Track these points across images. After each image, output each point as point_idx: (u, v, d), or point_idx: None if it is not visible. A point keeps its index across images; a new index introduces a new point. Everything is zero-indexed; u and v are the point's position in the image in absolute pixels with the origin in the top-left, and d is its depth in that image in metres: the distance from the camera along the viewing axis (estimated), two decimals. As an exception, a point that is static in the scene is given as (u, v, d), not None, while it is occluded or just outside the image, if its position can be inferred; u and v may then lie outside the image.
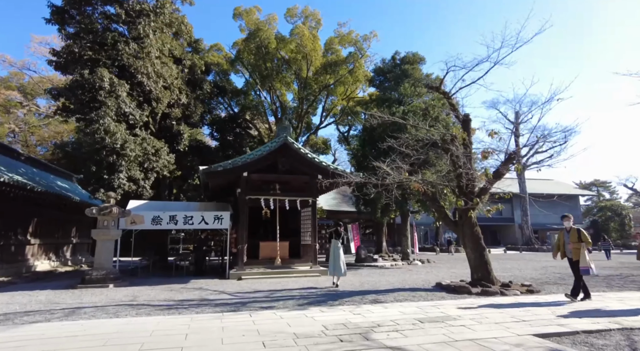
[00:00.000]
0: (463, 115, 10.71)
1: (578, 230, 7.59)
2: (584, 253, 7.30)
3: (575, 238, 7.50)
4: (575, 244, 7.45)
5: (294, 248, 15.64)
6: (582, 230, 7.60)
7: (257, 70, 23.43)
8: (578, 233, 7.52)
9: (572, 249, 7.50)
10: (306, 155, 13.43)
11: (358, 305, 7.07)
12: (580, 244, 7.39)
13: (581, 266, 7.26)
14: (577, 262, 7.39)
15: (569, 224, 7.76)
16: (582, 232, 7.55)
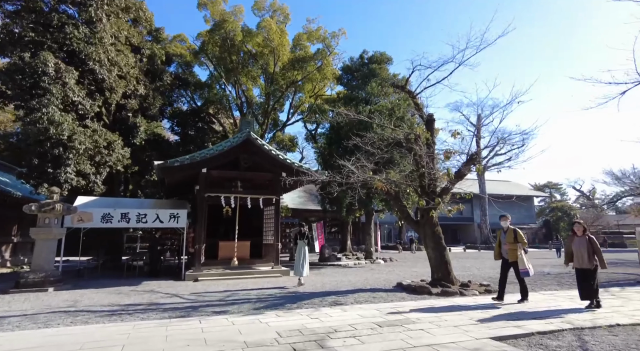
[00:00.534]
0: (427, 115, 10.72)
1: (514, 230, 7.42)
2: (522, 254, 7.17)
3: (511, 238, 7.33)
4: (512, 245, 7.28)
5: (256, 248, 15.18)
6: (518, 230, 7.45)
7: (222, 63, 22.64)
8: (514, 234, 7.36)
9: (508, 250, 7.30)
10: (270, 151, 13.02)
11: (317, 308, 6.80)
12: (516, 245, 7.24)
13: (521, 268, 7.09)
14: (513, 263, 7.22)
15: (506, 224, 7.61)
16: (518, 232, 7.40)
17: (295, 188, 15.47)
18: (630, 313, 6.13)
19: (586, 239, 6.78)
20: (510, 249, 7.27)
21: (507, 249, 7.32)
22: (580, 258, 6.69)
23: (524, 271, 7.05)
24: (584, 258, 6.63)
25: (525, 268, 7.05)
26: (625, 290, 8.82)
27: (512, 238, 7.32)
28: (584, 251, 6.66)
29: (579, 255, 6.71)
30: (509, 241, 7.32)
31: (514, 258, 7.18)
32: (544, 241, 39.24)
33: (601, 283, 10.02)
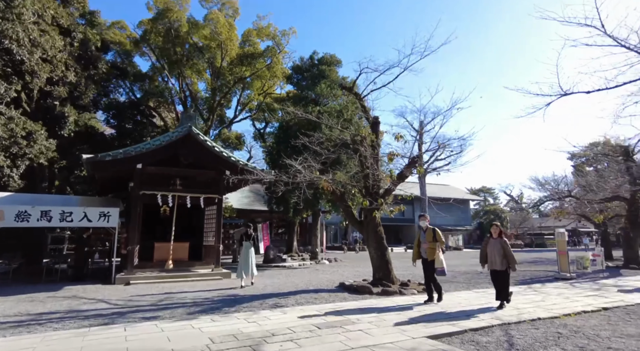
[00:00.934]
0: (373, 117, 10.88)
1: (434, 229, 7.40)
2: (439, 254, 7.17)
3: (430, 237, 7.31)
4: (430, 244, 7.26)
5: (196, 250, 14.49)
6: (437, 229, 7.41)
7: (165, 54, 21.42)
8: (433, 233, 7.34)
9: (427, 249, 7.28)
10: (213, 148, 12.45)
11: (255, 311, 6.54)
12: (435, 244, 7.23)
13: (437, 268, 7.09)
14: (431, 262, 7.19)
15: (425, 224, 7.57)
16: (437, 231, 7.37)
17: (240, 188, 14.98)
18: (549, 307, 6.61)
19: (500, 241, 6.90)
20: (429, 248, 7.26)
21: (426, 248, 7.31)
22: (494, 259, 6.83)
23: (440, 270, 7.08)
24: (497, 260, 6.77)
25: (441, 267, 7.07)
26: (545, 286, 9.55)
27: (431, 237, 7.32)
28: (497, 253, 6.79)
29: (493, 257, 6.86)
30: (429, 240, 7.32)
31: (432, 256, 7.18)
32: (478, 242, 41.96)
33: (524, 280, 10.87)
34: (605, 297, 7.83)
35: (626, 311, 6.56)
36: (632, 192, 15.15)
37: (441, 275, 7.16)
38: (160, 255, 13.23)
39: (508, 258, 6.73)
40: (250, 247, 10.56)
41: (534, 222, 49.69)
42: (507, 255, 6.75)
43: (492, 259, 6.88)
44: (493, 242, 6.98)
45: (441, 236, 7.37)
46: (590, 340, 4.68)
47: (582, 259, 11.77)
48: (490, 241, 7.07)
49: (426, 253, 7.30)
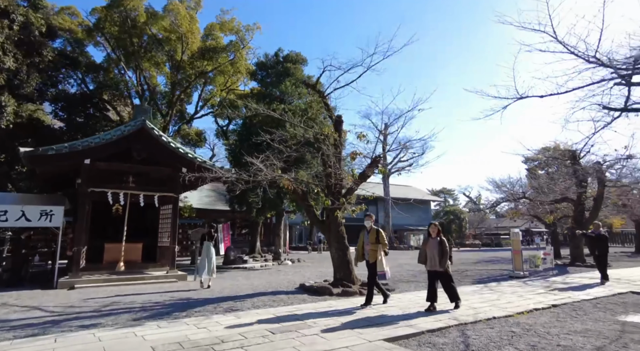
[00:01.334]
0: (336, 116, 10.75)
1: (377, 230, 7.05)
2: (381, 256, 6.84)
3: (373, 238, 6.95)
4: (373, 245, 6.90)
5: (150, 251, 13.76)
6: (380, 230, 7.09)
7: (121, 45, 20.26)
8: (377, 234, 6.98)
9: (369, 250, 6.92)
10: (169, 143, 11.84)
11: (208, 316, 6.17)
12: (377, 246, 6.87)
13: (379, 271, 6.76)
14: (373, 265, 6.83)
15: (369, 224, 7.18)
16: (380, 232, 7.03)
17: (198, 186, 14.37)
18: (504, 306, 6.73)
19: (438, 241, 6.67)
20: (371, 250, 6.90)
21: (368, 250, 6.95)
22: (432, 259, 6.61)
23: (381, 274, 6.76)
24: (435, 259, 6.56)
25: (383, 270, 6.75)
26: (500, 285, 9.81)
27: (374, 238, 6.95)
28: (435, 253, 6.58)
29: (431, 257, 6.64)
30: (371, 241, 6.95)
31: (374, 258, 6.84)
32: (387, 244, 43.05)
33: (481, 279, 11.13)
34: (554, 294, 8.11)
35: (573, 308, 6.80)
36: (578, 194, 16.03)
37: (382, 279, 6.87)
38: (111, 257, 12.44)
39: (442, 257, 6.51)
40: (211, 247, 10.40)
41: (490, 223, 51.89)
42: (443, 254, 6.52)
43: (431, 259, 6.66)
44: (432, 242, 6.76)
45: (384, 237, 7.02)
46: (541, 338, 4.73)
47: (534, 258, 12.26)
48: (429, 241, 6.86)
49: (368, 254, 6.96)
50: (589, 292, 8.35)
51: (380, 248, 6.88)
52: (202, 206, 26.42)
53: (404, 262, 19.16)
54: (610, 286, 9.40)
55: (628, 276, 11.60)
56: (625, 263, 17.42)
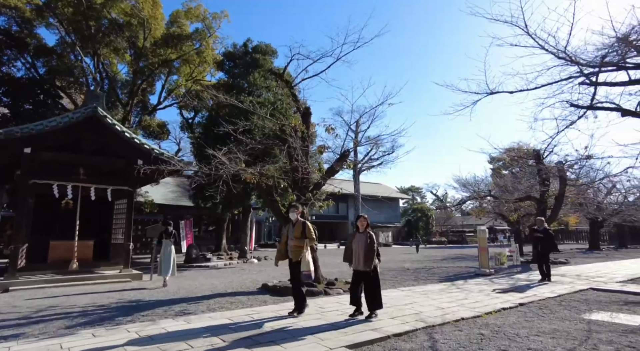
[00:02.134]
0: (304, 107, 10.30)
1: (304, 223, 6.02)
2: (308, 254, 5.85)
3: (299, 233, 5.92)
4: (298, 241, 5.88)
5: (103, 249, 12.80)
6: (308, 223, 6.08)
7: (76, 28, 18.80)
8: (303, 228, 5.95)
9: (293, 247, 5.90)
10: (123, 133, 10.96)
11: (155, 321, 5.56)
12: (303, 241, 5.88)
13: (303, 271, 5.75)
14: (297, 264, 5.84)
15: (295, 216, 6.13)
16: (307, 226, 5.99)
17: (155, 180, 13.50)
18: (472, 306, 6.53)
19: (366, 236, 5.80)
20: (295, 246, 5.90)
21: (292, 246, 5.94)
22: (358, 257, 5.75)
23: (306, 274, 5.78)
24: (360, 258, 5.70)
25: (307, 270, 5.76)
26: (467, 283, 9.71)
27: (299, 232, 5.92)
28: (361, 250, 5.70)
29: (357, 254, 5.77)
30: (296, 236, 5.92)
31: (298, 257, 5.82)
32: (406, 239, 43.78)
33: (448, 277, 11.03)
34: (520, 292, 8.06)
35: (539, 306, 6.71)
36: (541, 192, 16.41)
37: (306, 280, 5.95)
38: (57, 256, 11.44)
39: (369, 255, 5.65)
40: (170, 245, 9.99)
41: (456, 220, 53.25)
42: (371, 251, 5.66)
43: (356, 257, 5.78)
44: (359, 237, 5.85)
45: (312, 232, 5.98)
46: (511, 341, 4.50)
47: (499, 255, 12.35)
48: (356, 236, 5.93)
49: (291, 252, 5.95)
50: (554, 290, 8.35)
51: (306, 245, 5.88)
52: (167, 202, 25.27)
53: (372, 259, 18.99)
54: (572, 283, 9.51)
55: (587, 273, 11.90)
56: (582, 259, 18.09)
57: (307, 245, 5.90)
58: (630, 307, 6.56)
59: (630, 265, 14.59)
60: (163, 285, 9.73)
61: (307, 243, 5.92)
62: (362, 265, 5.67)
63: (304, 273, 5.77)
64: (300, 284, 6.02)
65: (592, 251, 26.03)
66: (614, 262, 16.38)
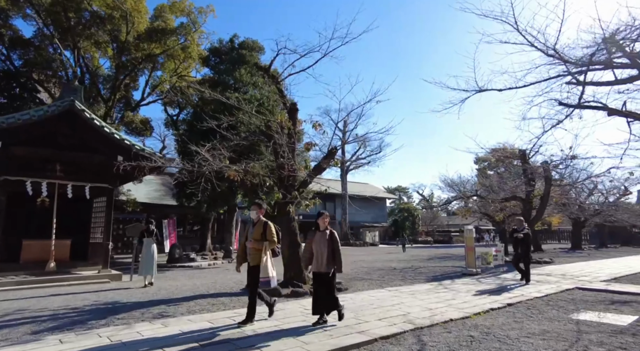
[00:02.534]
0: (290, 103, 10.05)
1: (265, 223, 5.36)
2: (267, 257, 5.25)
3: (258, 234, 5.28)
4: (257, 243, 5.24)
5: (81, 248, 12.32)
6: (270, 224, 5.41)
7: (55, 19, 18.16)
8: (264, 228, 5.30)
9: (252, 250, 5.27)
10: (102, 128, 10.54)
11: (130, 325, 5.27)
12: (263, 244, 5.24)
13: (261, 277, 5.18)
14: (255, 269, 5.23)
15: (256, 215, 5.50)
16: (269, 226, 5.35)
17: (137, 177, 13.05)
18: (460, 306, 6.40)
19: (327, 234, 5.31)
20: (254, 249, 5.26)
21: (250, 248, 5.31)
22: (320, 258, 5.22)
23: (264, 281, 5.20)
24: (323, 259, 5.18)
25: (267, 277, 5.19)
26: (455, 282, 9.63)
27: (259, 233, 5.28)
28: (324, 250, 5.19)
29: (319, 255, 5.23)
30: (256, 238, 5.28)
31: (257, 261, 5.22)
32: (392, 238, 43.89)
33: (435, 277, 10.94)
34: (508, 292, 7.99)
35: (527, 306, 6.63)
36: (527, 192, 16.54)
37: (265, 287, 5.30)
38: (33, 255, 10.94)
39: (335, 256, 5.19)
40: (151, 244, 9.76)
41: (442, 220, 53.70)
42: (335, 252, 5.20)
43: (317, 258, 5.24)
44: (320, 237, 5.31)
45: (273, 233, 5.35)
46: (502, 343, 4.37)
47: (486, 255, 12.33)
48: (316, 235, 5.37)
49: (250, 255, 5.33)
50: (540, 290, 8.32)
51: (266, 247, 5.26)
52: (151, 200, 24.73)
53: (359, 258, 18.91)
54: (558, 282, 9.52)
55: (572, 272, 11.97)
56: (565, 258, 18.29)
57: (266, 248, 5.27)
58: (617, 307, 6.54)
59: (612, 264, 14.79)
60: (144, 285, 9.47)
61: (267, 245, 5.28)
62: (325, 266, 5.17)
63: (262, 280, 5.18)
64: (257, 290, 5.33)
65: (575, 250, 26.46)
66: (597, 261, 16.61)
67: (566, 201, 24.22)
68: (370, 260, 18.07)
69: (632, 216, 29.30)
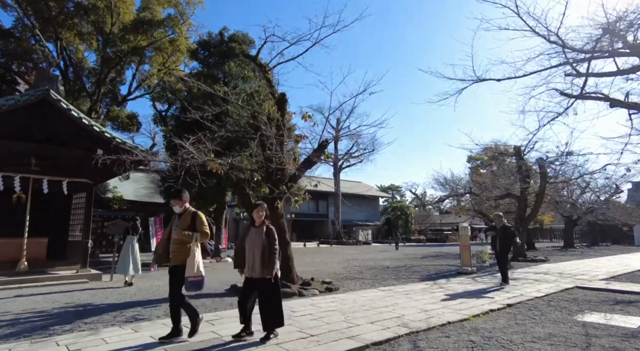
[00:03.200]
0: (279, 93, 9.59)
1: (195, 214, 4.39)
2: (195, 253, 4.17)
3: (185, 224, 4.29)
4: (183, 236, 4.19)
5: (59, 247, 11.72)
6: (200, 214, 4.42)
7: (36, 9, 17.46)
8: (192, 220, 4.31)
9: (176, 244, 4.24)
10: (80, 119, 9.94)
11: (97, 330, 4.77)
12: (191, 236, 4.20)
13: (188, 277, 4.09)
14: (178, 269, 4.19)
15: (179, 208, 4.47)
16: (199, 217, 4.37)
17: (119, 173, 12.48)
18: (458, 308, 6.00)
19: (263, 231, 4.29)
20: (178, 243, 4.23)
21: (175, 239, 4.26)
22: (252, 260, 4.22)
23: (192, 282, 4.11)
24: (256, 261, 4.18)
25: (195, 276, 4.12)
26: (450, 282, 9.25)
27: (186, 225, 4.29)
28: (256, 250, 4.19)
29: (250, 257, 4.23)
30: (182, 227, 4.28)
31: (181, 258, 4.17)
32: (386, 237, 43.62)
33: (430, 276, 10.56)
34: (507, 292, 7.62)
35: (528, 307, 6.26)
36: (522, 189, 16.24)
37: (195, 289, 4.23)
38: (7, 255, 10.33)
39: (270, 257, 4.17)
40: (134, 241, 9.41)
41: (435, 219, 53.53)
42: (271, 252, 4.19)
43: (251, 260, 4.22)
44: (254, 234, 4.32)
45: (204, 225, 4.34)
46: (506, 349, 3.96)
47: (481, 253, 12.00)
48: (250, 232, 4.40)
49: (172, 252, 4.29)
50: (540, 289, 7.96)
51: (195, 241, 4.21)
52: (138, 198, 24.06)
53: (352, 257, 18.51)
54: (556, 281, 9.19)
55: (568, 270, 11.68)
56: (559, 256, 18.07)
57: (196, 241, 4.20)
58: (622, 307, 6.19)
59: (607, 263, 14.57)
60: (124, 284, 9.08)
61: (197, 237, 4.22)
62: (259, 270, 4.16)
63: (190, 279, 4.08)
64: (181, 299, 4.24)
65: (567, 249, 26.35)
66: (591, 259, 16.39)
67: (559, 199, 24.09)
68: (362, 258, 17.68)
69: (623, 214, 29.34)
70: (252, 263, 4.23)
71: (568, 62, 7.44)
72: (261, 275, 4.17)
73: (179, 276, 4.17)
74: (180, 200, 4.49)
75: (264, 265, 4.16)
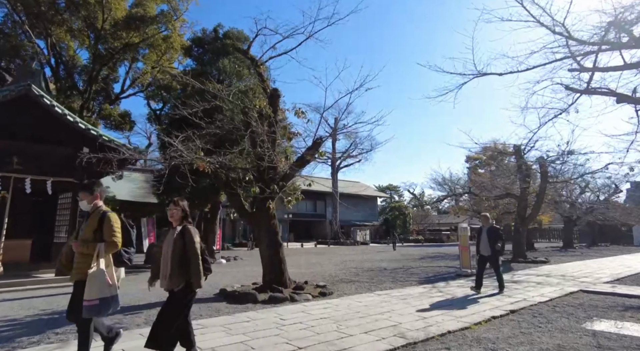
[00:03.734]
0: (272, 89, 9.22)
1: (104, 214, 3.46)
2: (99, 266, 3.26)
3: (90, 231, 3.42)
4: (85, 245, 3.36)
5: (46, 249, 11.32)
6: (111, 215, 3.48)
7: (25, 3, 17.03)
8: (100, 222, 3.42)
9: (78, 255, 3.41)
10: (64, 116, 9.56)
11: (67, 341, 4.41)
12: (93, 246, 3.34)
13: (86, 301, 3.19)
14: (79, 285, 3.30)
15: (87, 205, 3.58)
16: (108, 219, 3.44)
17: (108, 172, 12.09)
18: (457, 314, 5.64)
19: (180, 234, 3.48)
20: (81, 254, 3.39)
21: (76, 250, 3.44)
22: (164, 268, 3.44)
23: (89, 306, 3.19)
24: (167, 269, 3.40)
25: (89, 300, 3.20)
26: (449, 285, 8.90)
27: (93, 228, 3.43)
28: (167, 256, 3.43)
29: (163, 264, 3.45)
30: (84, 237, 3.42)
31: (82, 272, 3.30)
32: (384, 237, 43.26)
33: (428, 278, 10.18)
34: (509, 296, 7.27)
35: (532, 313, 5.90)
36: (522, 189, 15.91)
37: (92, 314, 3.26)
38: (-13, 257, 9.91)
39: (187, 263, 3.39)
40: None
41: (433, 219, 53.21)
42: (189, 258, 3.40)
43: (165, 268, 3.44)
44: (170, 236, 3.55)
45: (114, 229, 3.43)
46: (513, 364, 3.59)
47: (481, 254, 11.62)
48: (167, 235, 3.60)
49: (76, 263, 3.44)
50: (543, 293, 7.61)
51: (102, 251, 3.34)
52: (133, 198, 23.60)
53: (349, 258, 18.14)
54: (559, 284, 8.84)
55: (571, 272, 11.34)
56: (560, 257, 17.75)
57: (101, 253, 3.32)
58: (632, 314, 5.83)
59: (609, 264, 14.24)
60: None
61: (103, 248, 3.34)
62: (168, 278, 3.37)
63: (85, 304, 3.18)
64: (86, 322, 3.35)
65: (567, 249, 26.05)
66: (593, 260, 16.07)
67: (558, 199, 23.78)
68: (360, 259, 17.32)
69: (622, 214, 29.06)
70: (163, 270, 3.44)
71: (572, 56, 7.09)
72: (169, 286, 3.39)
73: (81, 293, 3.23)
74: (90, 194, 3.55)
75: (173, 273, 3.35)
